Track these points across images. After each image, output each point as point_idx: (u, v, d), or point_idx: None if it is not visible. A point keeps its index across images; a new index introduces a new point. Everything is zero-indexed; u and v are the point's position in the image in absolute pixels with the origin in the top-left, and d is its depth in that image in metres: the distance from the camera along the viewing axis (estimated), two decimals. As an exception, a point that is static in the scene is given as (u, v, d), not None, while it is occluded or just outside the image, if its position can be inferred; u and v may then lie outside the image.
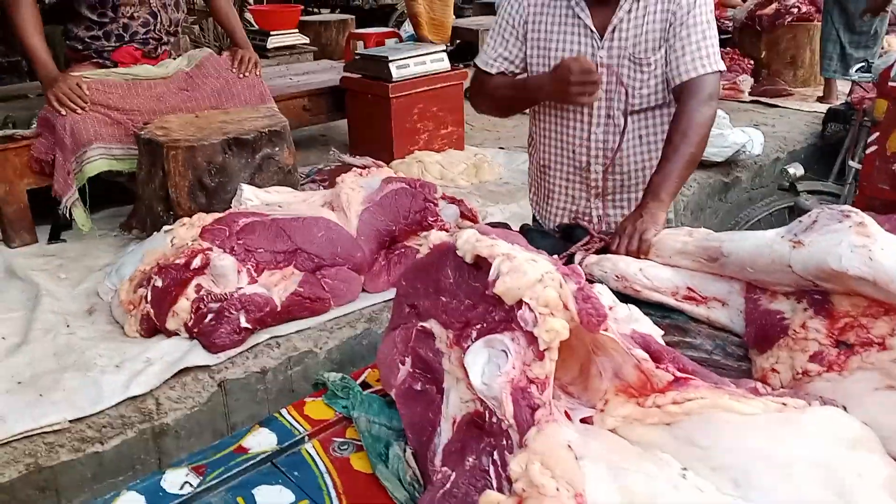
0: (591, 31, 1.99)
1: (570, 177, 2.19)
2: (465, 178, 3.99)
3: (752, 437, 0.98)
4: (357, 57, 4.26)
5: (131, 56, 3.22)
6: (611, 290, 1.63)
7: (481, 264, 1.16)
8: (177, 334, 2.25)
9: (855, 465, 0.95)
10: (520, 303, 1.06)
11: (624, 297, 1.61)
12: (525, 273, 1.06)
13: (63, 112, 2.91)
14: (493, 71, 2.13)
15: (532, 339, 1.05)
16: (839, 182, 3.78)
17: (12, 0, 2.96)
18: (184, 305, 2.19)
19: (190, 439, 2.11)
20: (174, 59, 3.35)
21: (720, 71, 1.97)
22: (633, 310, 1.23)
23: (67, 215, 3.05)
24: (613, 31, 1.98)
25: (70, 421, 1.93)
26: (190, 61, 3.29)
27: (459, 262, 1.21)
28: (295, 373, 2.30)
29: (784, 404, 1.04)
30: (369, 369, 1.48)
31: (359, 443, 1.27)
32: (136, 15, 3.18)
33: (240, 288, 2.22)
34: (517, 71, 2.13)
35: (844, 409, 1.12)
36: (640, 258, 1.67)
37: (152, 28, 3.24)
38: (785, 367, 1.33)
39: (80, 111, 2.94)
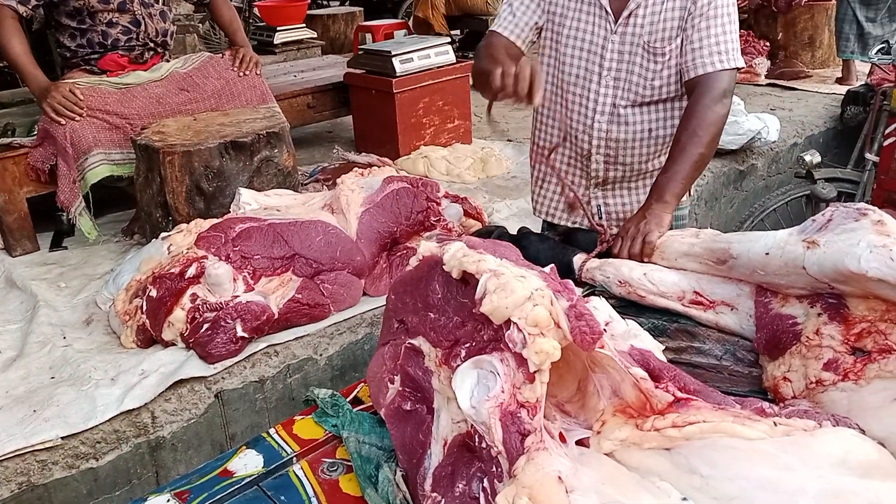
0: (607, 12, 1.89)
1: (570, 161, 2.11)
2: (472, 172, 3.92)
3: (757, 465, 0.92)
4: (360, 52, 4.20)
5: (117, 63, 3.18)
6: (614, 296, 1.58)
7: (469, 280, 1.10)
8: (173, 344, 2.22)
9: (868, 493, 0.89)
10: (508, 322, 1.00)
11: (628, 303, 1.56)
12: (513, 291, 1.01)
13: (62, 122, 2.88)
14: (507, 34, 2.00)
15: (522, 361, 1.00)
16: (858, 169, 3.67)
17: None
18: (179, 315, 2.15)
19: (188, 452, 2.07)
20: (168, 61, 3.31)
21: (738, 68, 1.86)
22: (632, 324, 1.17)
23: (74, 224, 3.03)
24: (629, 16, 1.88)
25: (63, 438, 1.90)
26: (186, 63, 3.25)
27: (448, 276, 1.15)
28: (294, 381, 2.25)
29: (792, 426, 0.97)
30: (361, 384, 1.43)
31: (349, 463, 1.23)
32: (115, 21, 3.14)
33: (236, 296, 2.17)
34: (522, 44, 2.00)
35: (858, 427, 1.05)
36: (643, 261, 1.61)
37: (135, 36, 3.20)
38: (798, 376, 1.27)
39: (77, 118, 2.91)
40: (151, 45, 3.26)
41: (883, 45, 3.97)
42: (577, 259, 1.69)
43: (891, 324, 1.20)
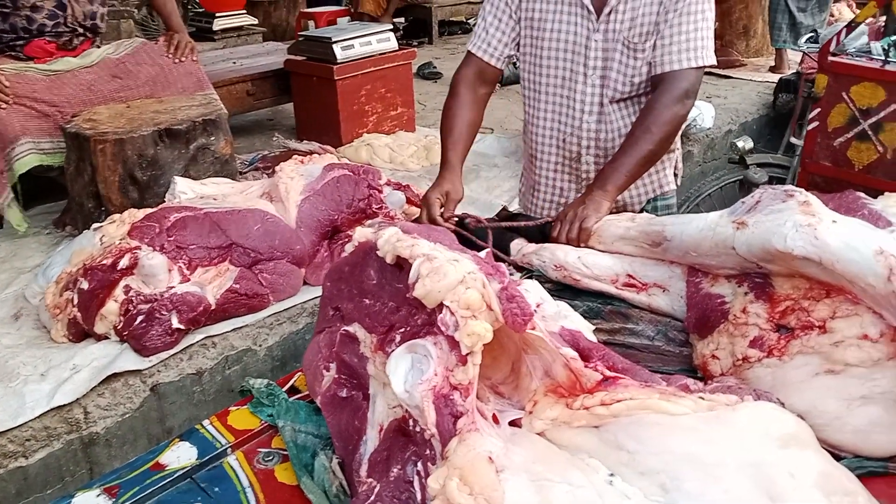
0: (589, 10, 1.87)
1: (558, 167, 2.09)
2: (416, 160, 3.91)
3: (681, 439, 0.94)
4: (301, 38, 4.14)
5: (44, 50, 3.06)
6: (551, 279, 1.60)
7: (403, 265, 1.10)
8: (106, 338, 2.16)
9: (787, 463, 0.92)
10: (441, 306, 1.01)
11: (564, 287, 1.58)
12: (446, 274, 1.01)
13: None
14: (481, 55, 1.99)
15: (454, 344, 1.00)
16: (788, 154, 3.79)
17: None
18: (112, 308, 2.10)
19: (123, 447, 2.03)
20: (99, 47, 3.20)
21: (705, 66, 1.86)
22: (563, 306, 1.18)
23: (2, 216, 2.92)
24: (610, 12, 1.86)
25: (-11, 436, 1.84)
26: (118, 49, 3.15)
27: (382, 262, 1.15)
28: (233, 372, 2.22)
29: (715, 401, 1.00)
30: (298, 373, 1.42)
31: (285, 452, 1.22)
32: (39, 5, 3.02)
33: (171, 287, 2.13)
34: (497, 62, 2.00)
35: (779, 400, 1.09)
36: (580, 246, 1.63)
37: (62, 21, 3.08)
38: (725, 354, 1.30)
39: (3, 106, 2.80)
40: (80, 29, 3.15)
41: (812, 35, 4.10)
42: (515, 244, 1.70)
43: (813, 301, 1.23)
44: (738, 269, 1.34)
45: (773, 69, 5.86)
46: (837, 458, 1.05)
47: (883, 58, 2.63)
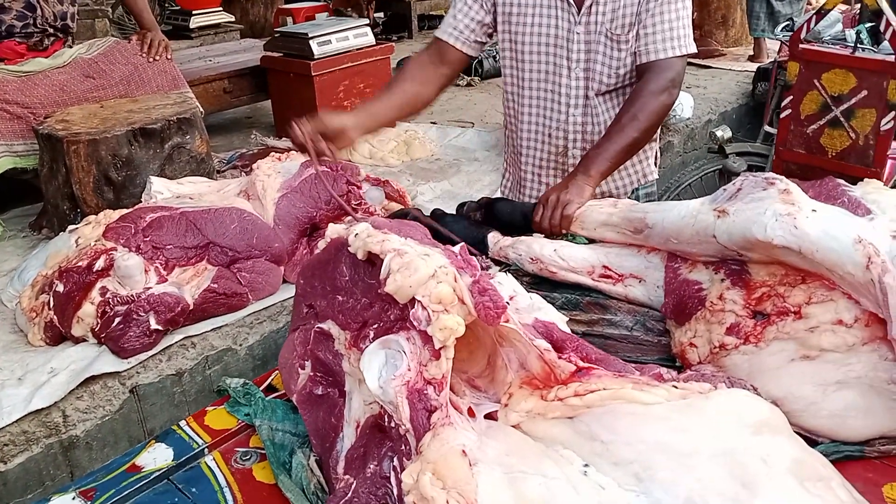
0: (570, 3, 1.87)
1: (543, 162, 2.08)
2: (396, 156, 3.90)
3: (654, 428, 0.94)
4: (277, 35, 4.12)
5: (14, 51, 3.03)
6: (528, 273, 1.60)
7: (375, 260, 1.09)
8: (84, 340, 2.14)
9: (760, 450, 0.92)
10: (413, 301, 1.00)
11: (542, 280, 1.58)
12: (417, 269, 1.01)
13: None
14: (445, 38, 1.95)
15: (427, 339, 1.00)
16: (766, 143, 3.81)
17: None
18: (88, 310, 2.08)
19: (104, 450, 2.01)
20: (71, 47, 3.17)
21: (689, 54, 1.87)
22: (536, 298, 1.18)
23: (-25, 219, 2.89)
24: (591, 5, 1.86)
25: (-35, 442, 1.82)
26: (90, 48, 3.12)
27: (354, 258, 1.14)
28: (214, 372, 2.21)
29: (688, 390, 1.00)
30: (275, 372, 1.41)
31: (263, 451, 1.21)
32: (7, 6, 2.98)
33: (148, 288, 2.11)
34: (463, 46, 1.96)
35: (752, 387, 1.09)
36: (561, 232, 1.63)
37: (31, 22, 3.05)
38: (702, 341, 1.30)
39: (-27, 108, 2.77)
40: (51, 30, 3.11)
41: (787, 23, 4.12)
42: (492, 237, 1.70)
43: (789, 287, 1.24)
44: (718, 256, 1.35)
45: (751, 58, 5.88)
46: (814, 443, 1.06)
47: (854, 44, 2.65)
